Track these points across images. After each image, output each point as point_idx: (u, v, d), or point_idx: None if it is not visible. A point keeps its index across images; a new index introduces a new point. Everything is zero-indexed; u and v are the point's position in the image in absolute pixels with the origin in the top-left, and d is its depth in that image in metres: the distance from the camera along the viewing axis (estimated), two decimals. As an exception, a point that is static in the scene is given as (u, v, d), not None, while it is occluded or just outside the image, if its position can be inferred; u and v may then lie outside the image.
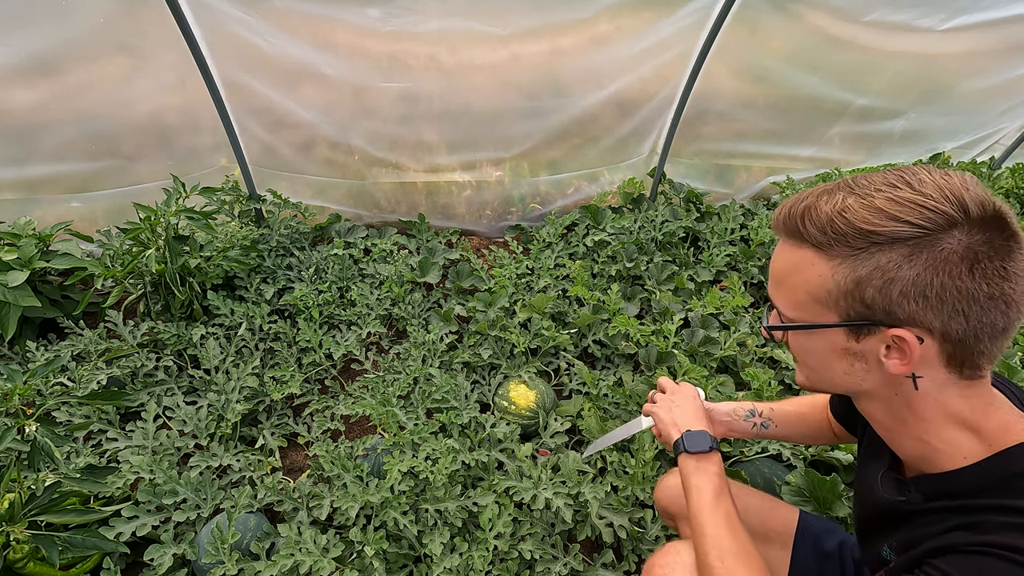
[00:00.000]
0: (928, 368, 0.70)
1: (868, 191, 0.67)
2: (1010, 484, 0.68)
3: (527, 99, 2.70)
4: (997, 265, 0.64)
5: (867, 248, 0.67)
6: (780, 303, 0.79)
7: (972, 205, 0.63)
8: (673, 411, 1.12)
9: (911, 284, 0.65)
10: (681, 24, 2.45)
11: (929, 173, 0.67)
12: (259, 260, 2.54)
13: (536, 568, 1.60)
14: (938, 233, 0.64)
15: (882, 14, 2.49)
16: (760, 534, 1.24)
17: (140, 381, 2.07)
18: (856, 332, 0.72)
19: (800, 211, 0.71)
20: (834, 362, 0.77)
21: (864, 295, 0.68)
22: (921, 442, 0.76)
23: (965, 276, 0.64)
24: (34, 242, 2.15)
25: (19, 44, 2.03)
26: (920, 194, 0.65)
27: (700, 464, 1.00)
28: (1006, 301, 0.65)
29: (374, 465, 1.80)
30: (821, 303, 0.72)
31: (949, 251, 0.64)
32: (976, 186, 0.65)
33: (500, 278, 2.51)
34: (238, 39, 2.19)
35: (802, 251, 0.72)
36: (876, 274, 0.67)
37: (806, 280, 0.72)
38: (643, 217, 2.96)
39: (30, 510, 1.38)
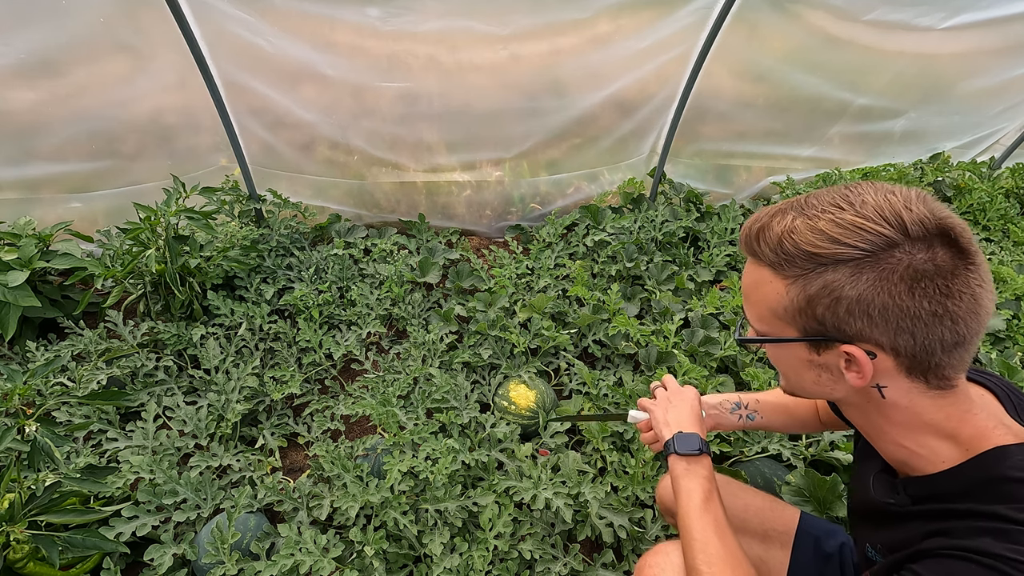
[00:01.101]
0: (890, 379, 0.72)
1: (815, 212, 0.69)
2: (984, 489, 0.68)
3: (527, 99, 2.70)
4: (940, 283, 0.65)
5: (814, 268, 0.69)
6: (750, 317, 0.82)
7: (911, 225, 0.64)
8: (668, 411, 1.12)
9: (855, 303, 0.67)
10: (681, 24, 2.45)
11: (874, 193, 0.68)
12: (259, 260, 2.54)
13: (536, 568, 1.60)
14: (878, 254, 0.65)
15: (882, 13, 2.49)
16: (760, 534, 1.24)
17: (140, 381, 2.07)
18: (816, 346, 0.75)
19: (756, 232, 0.74)
20: (804, 372, 0.79)
21: (816, 312, 0.71)
22: (901, 446, 0.78)
23: (905, 295, 0.65)
24: (34, 242, 2.15)
25: (19, 44, 2.03)
26: (860, 216, 0.66)
27: (690, 467, 1.00)
28: (952, 318, 0.65)
29: (374, 465, 1.80)
30: (781, 318, 0.75)
31: (890, 270, 0.65)
32: (921, 204, 0.66)
33: (500, 278, 2.51)
34: (238, 39, 2.19)
35: (761, 270, 0.75)
36: (824, 293, 0.69)
37: (766, 297, 0.75)
38: (643, 217, 2.96)
39: (30, 510, 1.38)
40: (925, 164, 3.42)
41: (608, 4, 2.35)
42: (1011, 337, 2.42)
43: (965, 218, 3.25)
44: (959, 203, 3.26)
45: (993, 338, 2.41)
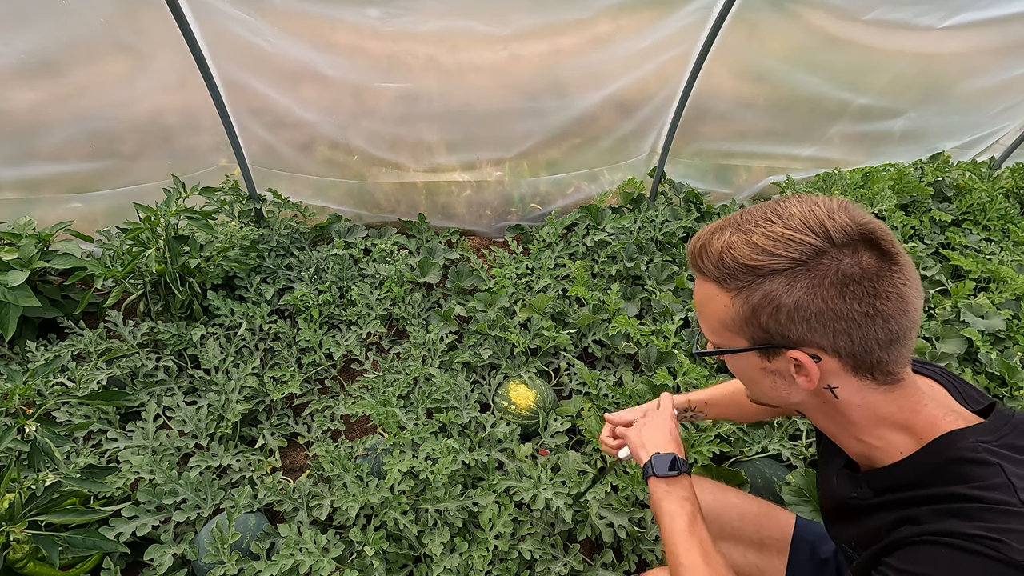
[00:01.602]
0: (839, 379, 0.76)
1: (749, 227, 0.74)
2: (941, 473, 0.71)
3: (527, 99, 2.70)
4: (867, 286, 0.69)
5: (754, 280, 0.73)
6: (704, 331, 0.86)
7: (835, 233, 0.69)
8: (643, 432, 1.12)
9: (794, 309, 0.71)
10: (681, 24, 2.45)
11: (800, 205, 0.72)
12: (259, 260, 2.54)
13: (536, 568, 1.60)
14: (808, 262, 0.70)
15: (881, 12, 2.49)
16: (756, 542, 1.24)
17: (140, 381, 2.07)
18: (765, 354, 0.78)
19: (698, 249, 0.78)
20: (761, 380, 0.83)
21: (760, 321, 0.75)
22: (860, 441, 0.81)
23: (837, 299, 0.69)
24: (34, 242, 2.15)
25: (19, 44, 2.03)
26: (789, 227, 0.71)
27: (671, 489, 1.01)
28: (883, 317, 0.69)
29: (374, 465, 1.80)
30: (731, 330, 0.79)
31: (821, 276, 0.69)
32: (843, 212, 0.70)
33: (500, 278, 2.51)
34: (238, 39, 2.19)
35: (707, 285, 0.79)
36: (765, 302, 0.73)
37: (715, 310, 0.79)
38: (643, 217, 2.96)
39: (30, 510, 1.38)
40: (925, 164, 3.42)
41: (608, 4, 2.35)
42: (1011, 337, 2.42)
43: (965, 218, 3.25)
44: (959, 203, 3.26)
45: (993, 338, 2.41)
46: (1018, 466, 0.68)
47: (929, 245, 2.98)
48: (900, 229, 2.96)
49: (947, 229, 3.12)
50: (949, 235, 3.03)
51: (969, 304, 2.50)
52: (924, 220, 3.09)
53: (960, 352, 2.32)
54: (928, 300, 2.67)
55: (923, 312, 2.48)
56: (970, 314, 2.45)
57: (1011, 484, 0.66)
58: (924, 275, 2.78)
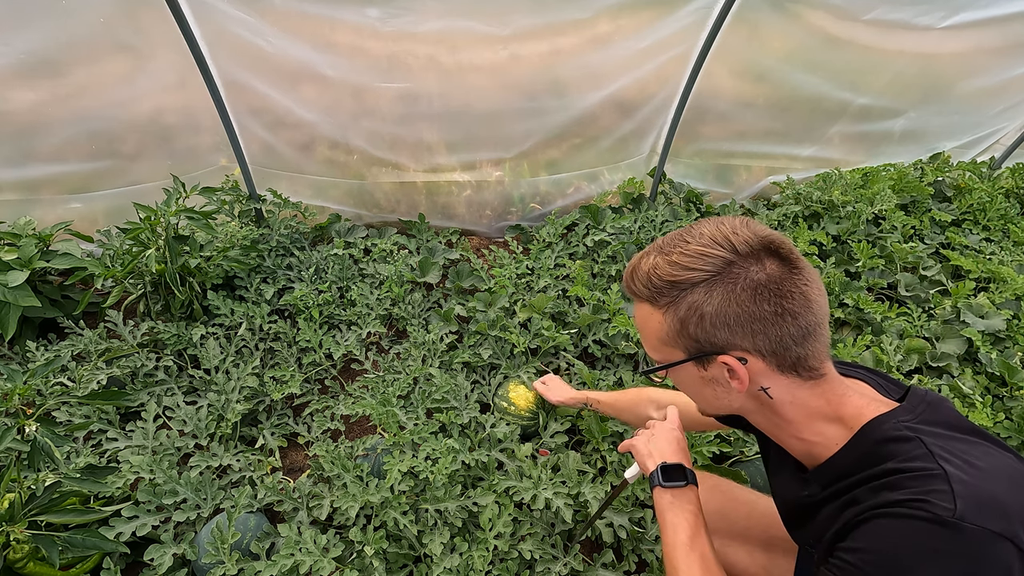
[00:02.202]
0: (768, 379, 0.83)
1: (669, 248, 0.83)
2: (871, 455, 0.78)
3: (527, 99, 2.70)
4: (773, 288, 0.78)
5: (679, 294, 0.82)
6: (647, 349, 0.93)
7: (739, 245, 0.79)
8: (651, 442, 1.14)
9: (715, 316, 0.80)
10: (681, 24, 2.45)
11: (708, 225, 0.82)
12: (259, 260, 2.54)
13: (536, 568, 1.60)
14: (722, 272, 0.79)
15: (881, 12, 2.49)
16: (764, 541, 1.24)
17: (140, 381, 2.07)
18: (700, 363, 0.86)
19: (629, 275, 0.88)
20: (702, 390, 0.90)
21: (689, 331, 0.83)
22: (801, 439, 0.88)
23: (749, 302, 0.78)
24: (34, 242, 2.15)
25: (19, 44, 2.03)
26: (701, 244, 0.81)
27: (676, 500, 1.02)
28: (791, 314, 0.78)
29: (374, 465, 1.80)
30: (668, 344, 0.87)
31: (733, 283, 0.79)
32: (744, 228, 0.80)
33: (500, 278, 2.51)
34: (238, 39, 2.19)
35: (642, 306, 0.88)
36: (690, 313, 0.81)
37: (652, 329, 0.87)
38: (643, 217, 2.96)
39: (30, 510, 1.38)
40: (925, 164, 3.42)
41: (608, 4, 2.35)
42: (1011, 337, 2.42)
43: (965, 218, 3.25)
44: (959, 203, 3.26)
45: (993, 338, 2.41)
46: (936, 438, 0.75)
47: (929, 245, 2.98)
48: (900, 229, 2.96)
49: (947, 229, 3.12)
50: (949, 235, 3.03)
51: (969, 304, 2.50)
52: (924, 220, 3.09)
53: (960, 352, 2.32)
54: (928, 300, 2.67)
55: (921, 312, 2.49)
56: (970, 314, 2.45)
57: (930, 452, 0.73)
58: (924, 275, 2.78)
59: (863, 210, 2.92)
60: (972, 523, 0.66)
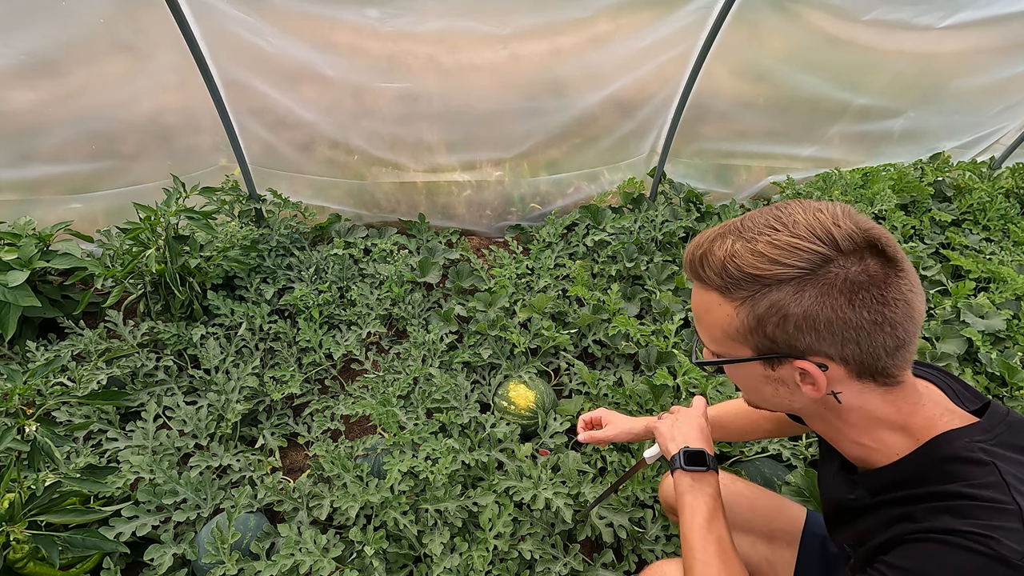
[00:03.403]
0: (843, 385, 0.75)
1: (752, 234, 0.72)
2: (936, 472, 0.72)
3: (527, 99, 2.70)
4: (875, 293, 0.68)
5: (760, 290, 0.71)
6: (704, 340, 0.84)
7: (842, 240, 0.68)
8: (675, 426, 1.12)
9: (802, 319, 0.70)
10: (681, 23, 2.45)
11: (804, 212, 0.71)
12: (259, 260, 2.54)
13: (536, 568, 1.60)
14: (816, 271, 0.68)
15: (881, 12, 2.49)
16: (766, 533, 1.24)
17: (140, 381, 2.07)
18: (770, 362, 0.77)
19: (699, 258, 0.76)
20: (763, 388, 0.82)
21: (766, 331, 0.73)
22: (858, 444, 0.81)
23: (846, 308, 0.68)
24: (34, 242, 2.15)
25: (19, 44, 2.03)
26: (795, 236, 0.69)
27: (696, 484, 1.00)
28: (890, 324, 0.69)
29: (374, 465, 1.80)
30: (734, 339, 0.77)
31: (829, 285, 0.68)
32: (847, 219, 0.69)
33: (500, 278, 2.51)
34: (238, 39, 2.19)
35: (709, 294, 0.77)
36: (771, 312, 0.71)
37: (717, 319, 0.77)
38: (643, 217, 2.96)
39: (30, 510, 1.38)
40: (925, 164, 3.42)
41: (608, 4, 2.35)
42: (1011, 337, 2.42)
43: (965, 218, 3.25)
44: (959, 203, 3.26)
45: (993, 338, 2.41)
46: (1013, 465, 0.68)
47: (929, 245, 2.98)
48: (900, 229, 2.96)
49: (947, 229, 3.12)
50: (949, 235, 3.03)
51: (969, 304, 2.50)
52: (924, 220, 3.09)
53: (960, 352, 2.32)
54: (928, 300, 2.67)
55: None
56: (970, 314, 2.45)
57: (1005, 483, 0.66)
58: (924, 275, 2.78)
59: (863, 210, 2.92)
60: None
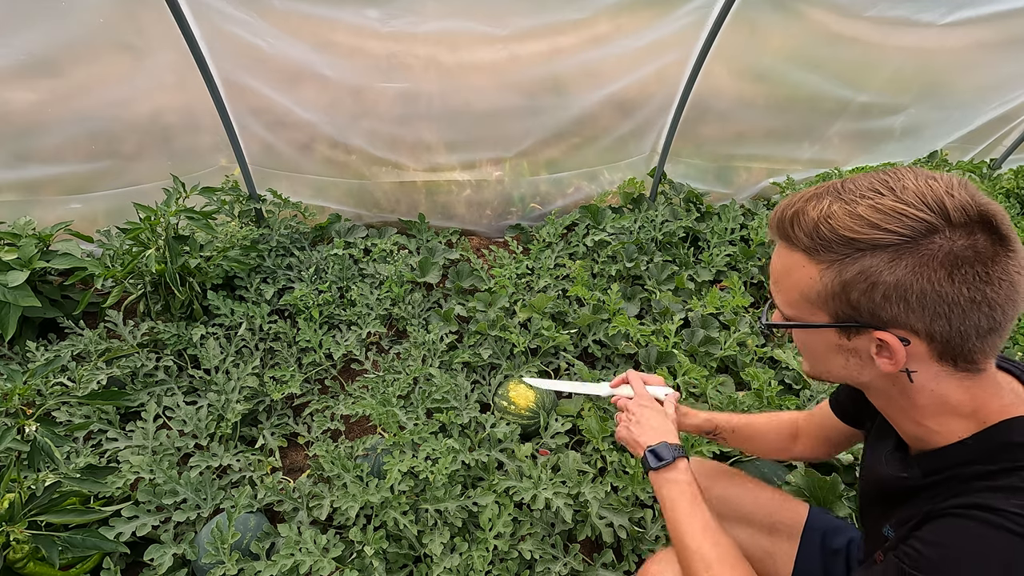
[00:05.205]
0: (920, 363, 0.72)
1: (853, 197, 0.68)
2: (993, 454, 0.70)
3: (527, 99, 2.70)
4: (979, 270, 0.64)
5: (851, 254, 0.68)
6: (778, 302, 0.81)
7: (953, 211, 0.64)
8: (632, 429, 1.13)
9: (893, 288, 0.67)
10: (681, 23, 2.45)
11: (915, 178, 0.67)
12: (259, 260, 2.54)
13: (536, 568, 1.60)
14: (918, 240, 0.65)
15: (882, 9, 2.49)
16: (768, 526, 1.25)
17: (140, 381, 2.07)
18: (846, 331, 0.74)
19: (790, 216, 0.73)
20: (832, 357, 0.79)
21: (850, 298, 0.70)
22: (920, 425, 0.78)
23: (945, 281, 0.65)
24: (34, 242, 2.15)
25: (19, 44, 2.03)
26: (901, 201, 0.66)
27: (669, 476, 1.02)
28: (989, 304, 0.65)
29: (374, 465, 1.80)
30: (812, 303, 0.75)
31: (930, 256, 0.65)
32: (962, 190, 0.66)
33: (500, 278, 2.51)
34: (238, 39, 2.19)
35: (793, 255, 0.75)
36: (860, 278, 0.68)
37: (798, 282, 0.75)
38: (643, 217, 2.96)
39: (30, 510, 1.38)
40: (925, 163, 3.42)
41: (607, 4, 2.34)
42: (1011, 337, 2.42)
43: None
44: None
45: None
46: None
47: (929, 245, 2.98)
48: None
49: (947, 229, 3.12)
50: (949, 235, 3.02)
51: (969, 304, 2.49)
52: (924, 220, 3.08)
53: (960, 352, 2.32)
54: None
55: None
56: (970, 314, 2.45)
57: None
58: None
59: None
60: None
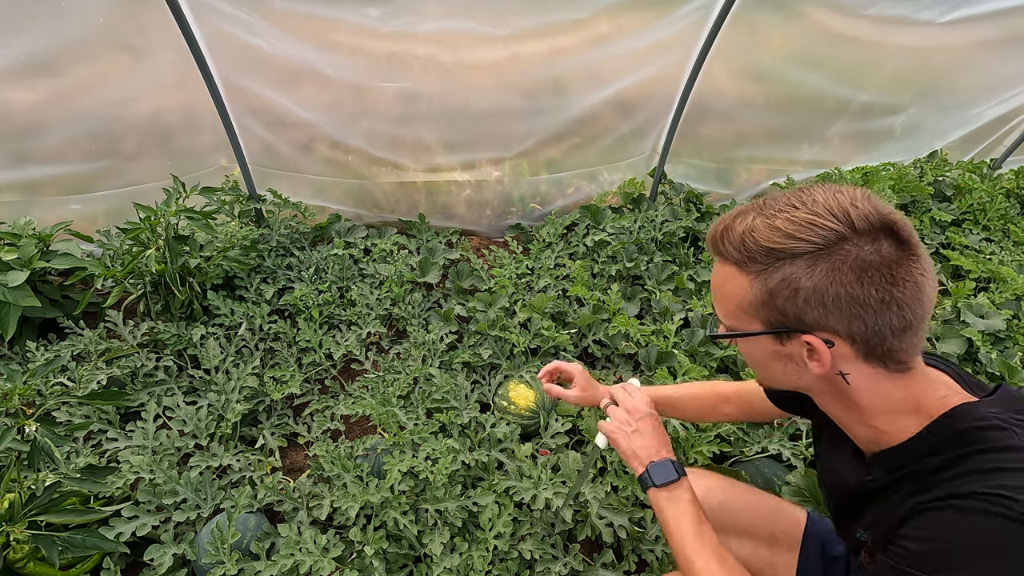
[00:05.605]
0: (851, 365, 0.77)
1: (772, 211, 0.75)
2: (955, 441, 0.73)
3: (527, 99, 2.70)
4: (885, 273, 0.71)
5: (774, 263, 0.75)
6: (719, 314, 0.87)
7: (858, 220, 0.71)
8: (632, 439, 1.08)
9: (811, 293, 0.73)
10: (681, 23, 2.45)
11: (824, 192, 0.74)
12: (259, 260, 2.54)
13: (536, 568, 1.60)
14: (830, 247, 0.71)
15: (882, 8, 2.49)
16: (768, 537, 1.24)
17: (140, 381, 2.07)
18: (779, 337, 0.80)
19: (720, 233, 0.80)
20: (771, 363, 0.85)
21: (777, 304, 0.76)
22: (869, 427, 0.82)
23: (855, 284, 0.71)
24: (34, 242, 2.15)
25: (19, 44, 2.03)
26: (813, 213, 0.72)
27: (672, 495, 1.00)
28: (898, 304, 0.71)
29: (374, 465, 1.80)
30: (747, 312, 0.81)
31: (841, 261, 0.71)
32: (865, 201, 0.72)
33: (500, 278, 2.51)
34: (238, 39, 2.19)
35: (727, 268, 0.81)
36: (783, 285, 0.75)
37: (732, 293, 0.81)
38: (643, 217, 2.96)
39: (30, 510, 1.38)
40: (924, 163, 3.42)
41: (608, 4, 2.35)
42: (1011, 337, 2.42)
43: (965, 218, 3.25)
44: (959, 203, 3.26)
45: (993, 338, 2.41)
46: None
47: (929, 245, 2.98)
48: (900, 229, 2.96)
49: (947, 229, 3.12)
50: (949, 235, 3.02)
51: (969, 304, 2.50)
52: (924, 220, 3.08)
53: (960, 352, 2.32)
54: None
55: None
56: (970, 314, 2.45)
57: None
58: (924, 275, 2.78)
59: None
60: None
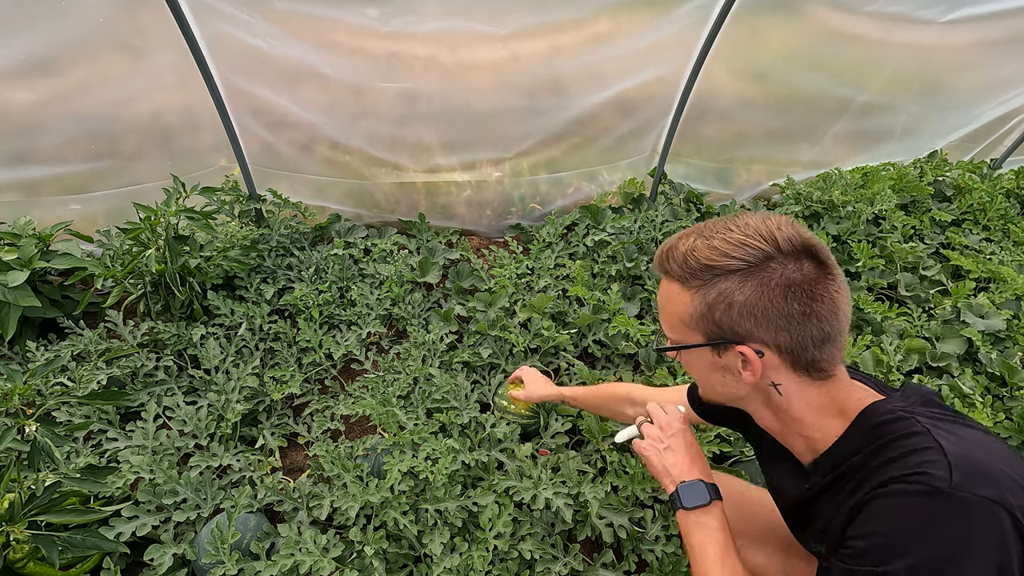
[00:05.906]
0: (781, 376, 0.86)
1: (711, 233, 0.85)
2: (869, 436, 0.82)
3: (527, 99, 2.70)
4: (806, 289, 0.80)
5: (711, 279, 0.84)
6: (664, 328, 0.95)
7: (783, 242, 0.81)
8: (664, 456, 1.07)
9: (743, 306, 0.82)
10: (681, 23, 2.45)
11: (755, 218, 0.84)
12: (259, 260, 2.54)
13: (536, 568, 1.60)
14: (759, 265, 0.81)
15: (882, 5, 2.48)
16: (782, 546, 1.24)
17: (140, 381, 2.07)
18: (716, 349, 0.88)
19: (665, 253, 0.89)
20: (711, 375, 0.92)
21: (714, 317, 0.85)
22: (803, 436, 0.90)
23: (780, 299, 0.81)
24: (34, 242, 2.15)
25: (19, 44, 2.03)
26: (745, 235, 0.82)
27: (700, 520, 0.98)
28: (818, 317, 0.81)
29: (374, 465, 1.80)
30: (688, 326, 0.89)
31: (768, 278, 0.81)
32: (789, 227, 0.83)
33: (500, 278, 2.51)
34: (238, 39, 2.19)
35: (671, 285, 0.90)
36: (719, 299, 0.83)
37: (677, 308, 0.89)
38: (643, 217, 2.96)
39: (30, 510, 1.38)
40: (924, 163, 3.42)
41: (608, 3, 2.34)
42: (1011, 337, 2.42)
43: (965, 218, 3.25)
44: (959, 203, 3.26)
45: (994, 338, 2.41)
46: (930, 418, 0.79)
47: (929, 245, 2.98)
48: (900, 229, 2.96)
49: (947, 229, 3.12)
50: (949, 235, 3.02)
51: (969, 304, 2.50)
52: (924, 220, 3.08)
53: (960, 352, 2.32)
54: (928, 300, 2.67)
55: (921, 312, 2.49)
56: (970, 314, 2.45)
57: (926, 429, 0.77)
58: (924, 275, 2.78)
59: (863, 210, 2.91)
60: (968, 491, 0.70)
